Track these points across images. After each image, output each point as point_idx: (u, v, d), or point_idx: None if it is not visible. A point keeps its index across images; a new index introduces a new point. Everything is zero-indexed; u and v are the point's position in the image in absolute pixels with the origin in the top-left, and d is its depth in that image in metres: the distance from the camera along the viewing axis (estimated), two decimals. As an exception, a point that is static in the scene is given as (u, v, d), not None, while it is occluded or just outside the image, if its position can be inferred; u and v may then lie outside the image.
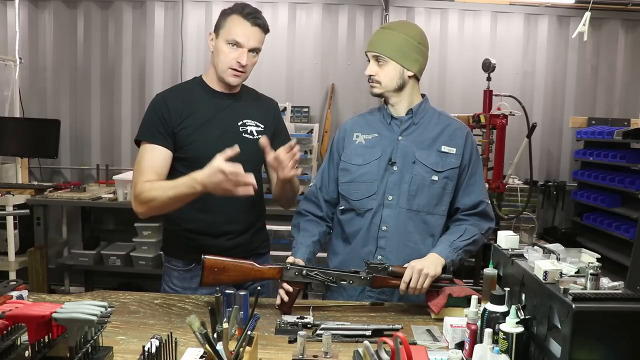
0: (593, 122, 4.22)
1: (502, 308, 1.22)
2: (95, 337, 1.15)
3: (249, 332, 1.14)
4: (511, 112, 3.59)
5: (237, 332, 1.21)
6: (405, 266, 1.65)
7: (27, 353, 1.05)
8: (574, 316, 0.99)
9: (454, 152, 1.79)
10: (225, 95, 1.87)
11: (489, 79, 3.62)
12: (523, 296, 1.23)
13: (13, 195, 3.67)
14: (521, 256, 1.30)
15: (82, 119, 4.57)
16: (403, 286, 1.63)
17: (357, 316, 1.65)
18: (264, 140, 1.69)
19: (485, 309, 1.24)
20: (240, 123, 1.87)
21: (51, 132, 4.15)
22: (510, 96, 3.63)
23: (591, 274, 1.06)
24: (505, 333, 1.16)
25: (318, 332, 1.44)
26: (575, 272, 1.13)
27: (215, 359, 1.07)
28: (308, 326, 1.50)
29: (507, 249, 1.36)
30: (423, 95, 1.87)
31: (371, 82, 1.80)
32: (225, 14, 1.80)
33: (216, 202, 1.82)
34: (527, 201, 3.75)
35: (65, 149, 4.53)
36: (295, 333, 1.34)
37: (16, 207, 3.62)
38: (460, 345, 1.35)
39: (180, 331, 1.44)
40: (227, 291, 1.38)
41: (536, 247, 1.29)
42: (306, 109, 4.39)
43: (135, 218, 2.06)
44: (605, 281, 1.07)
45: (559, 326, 1.05)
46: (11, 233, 3.71)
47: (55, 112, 4.50)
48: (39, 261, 3.82)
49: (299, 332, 1.29)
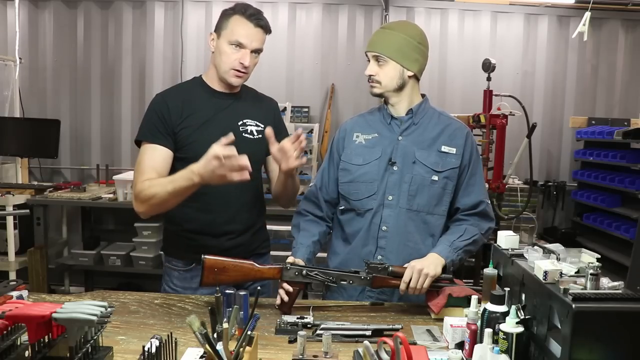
0: (593, 122, 4.22)
1: (502, 308, 1.22)
2: (95, 337, 1.15)
3: (249, 332, 1.14)
4: (511, 112, 3.59)
5: (237, 332, 1.21)
6: (405, 266, 1.65)
7: (27, 353, 1.05)
8: (574, 316, 0.99)
9: (454, 152, 1.79)
10: (225, 95, 1.87)
11: (489, 79, 3.62)
12: (523, 296, 1.23)
13: (13, 195, 3.67)
14: (521, 256, 1.30)
15: (82, 119, 4.57)
16: (403, 286, 1.63)
17: (357, 316, 1.65)
18: (269, 130, 1.69)
19: (485, 309, 1.24)
20: (240, 123, 1.86)
21: (51, 132, 4.15)
22: (510, 96, 3.63)
23: (591, 274, 1.06)
24: (505, 333, 1.16)
25: (318, 332, 1.44)
26: (575, 272, 1.13)
27: (215, 359, 1.07)
28: (308, 326, 1.50)
29: (507, 249, 1.36)
30: (423, 95, 1.87)
31: (371, 82, 1.80)
32: (227, 15, 1.79)
33: (216, 202, 1.82)
34: (527, 201, 3.75)
35: (65, 149, 4.53)
36: (295, 333, 1.34)
37: (16, 207, 3.62)
38: (460, 345, 1.35)
39: (180, 331, 1.44)
40: (227, 291, 1.39)
41: (536, 247, 1.29)
42: (306, 109, 4.39)
43: (135, 218, 2.06)
44: (605, 281, 1.07)
45: (559, 326, 1.05)
46: (11, 233, 3.71)
47: (55, 112, 4.50)
48: (39, 261, 3.82)
49: (299, 332, 1.29)
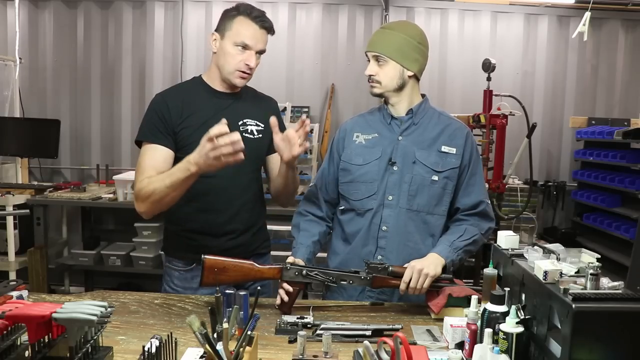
0: (593, 122, 4.22)
1: (502, 308, 1.22)
2: (95, 337, 1.15)
3: (249, 332, 1.14)
4: (511, 112, 3.59)
5: (237, 332, 1.21)
6: (405, 266, 1.65)
7: (27, 353, 1.05)
8: (574, 316, 0.99)
9: (454, 152, 1.79)
10: (225, 95, 1.87)
11: (489, 79, 3.61)
12: (523, 296, 1.23)
13: (13, 195, 3.67)
14: (521, 256, 1.30)
15: (82, 119, 4.57)
16: (403, 286, 1.63)
17: (357, 316, 1.65)
18: (274, 119, 1.69)
19: (485, 309, 1.24)
20: (240, 122, 1.86)
21: (51, 132, 4.15)
22: (510, 96, 3.62)
23: (591, 274, 1.06)
24: (505, 333, 1.16)
25: (318, 332, 1.44)
26: (575, 272, 1.13)
27: (215, 359, 1.07)
28: (308, 326, 1.50)
29: (507, 249, 1.36)
30: (423, 95, 1.87)
31: (371, 82, 1.80)
32: (231, 15, 1.79)
33: (217, 202, 1.83)
34: (527, 201, 3.75)
35: (65, 149, 4.53)
36: (295, 333, 1.34)
37: (16, 207, 3.62)
38: (460, 345, 1.34)
39: (180, 331, 1.44)
40: (227, 291, 1.39)
41: (536, 247, 1.29)
42: (306, 109, 4.39)
43: (135, 218, 2.06)
44: (605, 281, 1.07)
45: (559, 326, 1.05)
46: (11, 233, 3.71)
47: (55, 112, 4.50)
48: (39, 261, 3.82)
49: (299, 332, 1.29)
